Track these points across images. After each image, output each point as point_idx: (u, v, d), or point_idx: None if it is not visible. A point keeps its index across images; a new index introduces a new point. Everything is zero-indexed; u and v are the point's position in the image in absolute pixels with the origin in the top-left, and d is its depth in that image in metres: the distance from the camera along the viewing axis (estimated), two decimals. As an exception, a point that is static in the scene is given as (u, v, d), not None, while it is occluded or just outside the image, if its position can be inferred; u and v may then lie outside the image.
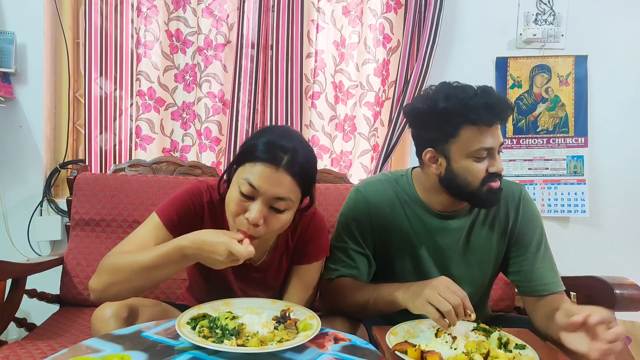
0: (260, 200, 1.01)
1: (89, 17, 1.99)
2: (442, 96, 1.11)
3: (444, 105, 1.11)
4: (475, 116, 1.08)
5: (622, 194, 2.23)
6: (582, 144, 2.20)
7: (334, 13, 2.17)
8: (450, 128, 1.12)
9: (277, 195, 1.01)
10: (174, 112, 2.16)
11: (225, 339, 0.91)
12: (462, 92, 1.10)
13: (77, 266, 1.74)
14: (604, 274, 1.40)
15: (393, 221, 1.26)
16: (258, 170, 1.00)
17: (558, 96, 2.20)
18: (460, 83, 1.15)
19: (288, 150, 1.01)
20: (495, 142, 1.12)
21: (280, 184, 1.00)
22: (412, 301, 1.03)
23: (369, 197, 1.28)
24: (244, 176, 1.01)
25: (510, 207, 1.27)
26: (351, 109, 2.20)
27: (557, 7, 2.18)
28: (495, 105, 1.09)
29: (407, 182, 1.29)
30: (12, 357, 1.28)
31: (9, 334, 1.62)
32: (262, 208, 1.00)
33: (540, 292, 1.23)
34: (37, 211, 2.06)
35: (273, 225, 1.04)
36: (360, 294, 1.16)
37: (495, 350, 0.96)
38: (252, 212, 1.00)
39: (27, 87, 2.02)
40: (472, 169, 1.13)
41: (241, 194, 1.01)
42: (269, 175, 1.00)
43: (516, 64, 2.20)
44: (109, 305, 1.05)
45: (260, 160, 1.00)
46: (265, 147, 1.01)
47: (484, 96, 1.09)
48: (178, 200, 1.14)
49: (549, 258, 1.27)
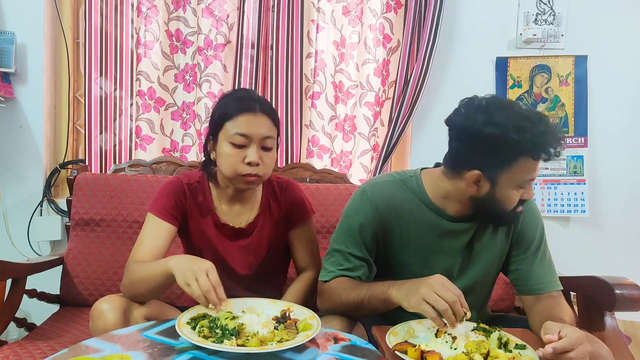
0: (253, 144, 1.20)
1: (89, 17, 1.99)
2: (512, 126, 1.04)
3: (515, 137, 1.04)
4: (542, 152, 1.07)
5: (622, 194, 2.23)
6: (582, 144, 2.20)
7: (334, 13, 2.17)
8: (510, 158, 1.08)
9: (265, 134, 1.21)
10: (174, 112, 2.15)
11: (225, 339, 0.91)
12: (532, 125, 1.05)
13: (77, 266, 1.75)
14: (604, 274, 1.40)
15: (399, 224, 1.24)
16: (242, 121, 1.19)
17: (558, 96, 2.20)
18: (522, 108, 1.10)
19: (256, 99, 1.24)
20: (535, 173, 1.13)
21: (263, 124, 1.21)
22: (406, 299, 1.02)
23: (376, 199, 1.24)
24: (231, 132, 1.20)
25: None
26: (351, 109, 2.20)
27: (557, 7, 2.18)
28: (557, 142, 1.07)
29: (416, 183, 1.25)
30: (12, 357, 1.28)
31: (9, 334, 1.62)
32: (257, 149, 1.20)
33: (537, 290, 1.23)
34: (37, 211, 2.06)
35: (268, 162, 1.23)
36: (355, 293, 1.15)
37: (495, 350, 0.96)
38: (251, 155, 1.19)
39: (27, 87, 2.02)
40: (513, 198, 1.13)
41: (235, 146, 1.19)
42: (252, 120, 1.20)
43: (516, 64, 2.20)
44: (106, 300, 1.09)
45: (240, 112, 1.20)
46: (238, 102, 1.22)
47: (551, 133, 1.07)
48: (162, 193, 1.29)
49: (547, 258, 1.27)
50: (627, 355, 1.26)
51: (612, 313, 1.36)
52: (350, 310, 1.16)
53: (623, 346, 1.30)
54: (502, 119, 1.06)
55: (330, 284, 1.22)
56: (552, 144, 1.06)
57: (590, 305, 1.40)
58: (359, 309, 1.15)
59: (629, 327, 2.00)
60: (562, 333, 0.93)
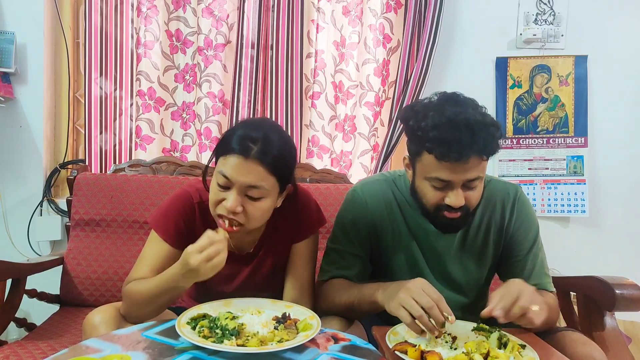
0: (234, 189, 1.08)
1: (89, 17, 1.99)
2: (419, 114, 1.07)
3: (412, 124, 1.08)
4: (431, 147, 1.04)
5: (622, 194, 2.23)
6: (582, 144, 2.20)
7: (334, 13, 2.17)
8: (415, 147, 1.10)
9: (249, 183, 1.07)
10: (174, 112, 2.15)
11: (225, 339, 0.91)
12: (433, 117, 1.04)
13: (77, 266, 1.75)
14: (604, 274, 1.40)
15: (390, 222, 1.26)
16: (230, 162, 1.07)
17: (558, 96, 2.20)
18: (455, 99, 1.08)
19: (258, 140, 1.07)
20: (456, 177, 1.06)
21: (250, 173, 1.07)
22: (387, 303, 1.02)
23: (367, 198, 1.27)
24: (218, 169, 1.09)
25: (506, 208, 1.26)
26: (351, 109, 2.20)
27: (557, 7, 2.18)
28: (456, 143, 1.01)
29: (404, 183, 1.27)
30: (12, 357, 1.28)
31: (9, 334, 1.62)
32: (236, 196, 1.07)
33: None
34: (37, 211, 2.06)
35: (252, 212, 1.10)
36: (347, 295, 1.15)
37: (495, 350, 0.96)
38: (228, 200, 1.08)
39: (27, 87, 2.03)
40: (426, 193, 1.12)
41: (218, 185, 1.09)
42: (239, 166, 1.06)
43: (516, 64, 2.20)
44: (98, 311, 1.06)
45: (231, 152, 1.07)
46: (237, 139, 1.08)
47: (447, 130, 1.02)
48: (171, 210, 1.20)
49: (540, 260, 1.26)
50: (627, 355, 1.26)
51: (612, 313, 1.35)
52: (343, 312, 1.16)
53: (623, 346, 1.30)
54: (423, 112, 1.08)
55: (325, 286, 1.23)
56: (442, 143, 1.02)
57: (590, 305, 1.40)
58: (350, 311, 1.15)
59: (629, 327, 2.00)
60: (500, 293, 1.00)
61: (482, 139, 1.02)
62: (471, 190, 1.10)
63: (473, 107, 1.07)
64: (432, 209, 1.13)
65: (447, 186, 1.08)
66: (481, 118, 1.04)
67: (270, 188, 1.10)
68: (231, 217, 1.08)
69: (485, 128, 1.03)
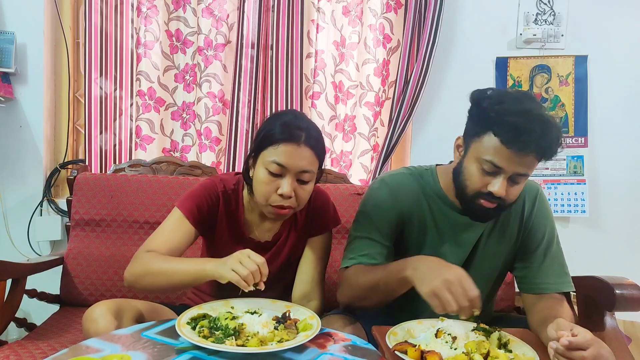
0: (289, 176, 1.13)
1: (89, 17, 1.99)
2: (494, 98, 1.09)
3: (486, 105, 1.09)
4: (500, 131, 1.05)
5: (622, 194, 2.23)
6: (582, 144, 2.20)
7: (334, 13, 2.17)
8: (479, 128, 1.10)
9: (303, 168, 1.14)
10: (174, 112, 2.16)
11: (226, 339, 0.91)
12: (510, 104, 1.06)
13: (77, 266, 1.74)
14: (604, 274, 1.40)
15: (417, 215, 1.26)
16: (282, 150, 1.12)
17: (558, 96, 2.20)
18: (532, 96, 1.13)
19: (303, 128, 1.15)
20: (509, 166, 1.07)
21: (304, 158, 1.14)
22: (420, 284, 1.00)
23: (394, 189, 1.26)
24: (269, 158, 1.13)
25: (527, 202, 1.27)
26: (351, 109, 2.20)
27: (557, 7, 2.18)
28: (526, 133, 1.02)
29: (432, 176, 1.28)
30: (12, 357, 1.28)
31: (9, 334, 1.62)
32: (292, 181, 1.14)
33: (541, 290, 1.23)
34: (37, 211, 2.06)
35: (301, 195, 1.17)
36: (371, 275, 1.15)
37: (495, 350, 0.96)
38: (284, 187, 1.13)
39: (27, 87, 2.02)
40: (473, 174, 1.12)
41: (270, 174, 1.14)
42: (292, 152, 1.12)
43: (516, 64, 2.19)
44: (98, 305, 1.06)
45: (282, 140, 1.13)
46: (283, 128, 1.14)
47: (522, 119, 1.03)
48: (196, 194, 1.25)
49: (558, 258, 1.26)
50: (627, 355, 1.26)
51: (612, 313, 1.35)
52: (367, 293, 1.16)
53: (623, 346, 1.30)
54: (498, 97, 1.09)
55: (349, 272, 1.22)
56: (513, 130, 1.03)
57: (590, 305, 1.40)
58: (375, 292, 1.14)
59: (629, 327, 2.00)
60: (574, 331, 0.93)
61: (550, 139, 1.04)
62: (515, 185, 1.11)
63: (545, 109, 1.10)
64: (471, 193, 1.13)
65: (496, 172, 1.09)
66: (553, 120, 1.06)
67: (316, 171, 1.19)
68: (287, 204, 1.15)
69: (556, 130, 1.06)
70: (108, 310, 1.04)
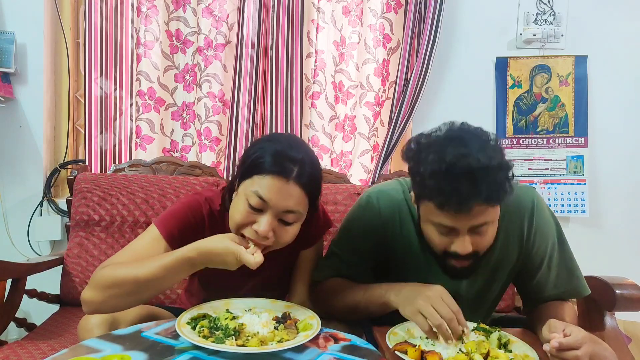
0: (269, 213, 0.99)
1: (89, 17, 1.99)
2: (421, 155, 0.99)
3: (412, 166, 1.03)
4: (430, 195, 0.98)
5: (622, 194, 2.23)
6: (582, 144, 2.20)
7: (334, 13, 2.17)
8: (417, 191, 1.04)
9: (287, 208, 1.00)
10: (174, 112, 2.16)
11: (226, 339, 0.91)
12: (432, 163, 0.96)
13: (77, 266, 1.75)
14: (604, 274, 1.40)
15: (402, 236, 1.19)
16: (268, 183, 0.98)
17: (558, 96, 2.20)
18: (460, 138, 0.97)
19: (297, 161, 1.00)
20: (459, 224, 0.99)
21: (290, 196, 0.99)
22: (403, 306, 0.99)
23: (381, 207, 1.20)
24: (252, 189, 0.99)
25: (525, 219, 1.19)
26: (351, 109, 2.20)
27: (557, 7, 2.18)
28: (455, 194, 0.93)
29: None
30: (12, 357, 1.28)
31: (9, 334, 1.62)
32: (271, 221, 0.99)
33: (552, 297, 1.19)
34: (37, 211, 2.06)
35: (282, 237, 1.03)
36: (351, 296, 1.13)
37: (495, 350, 0.96)
38: (261, 224, 0.99)
39: (27, 87, 2.02)
40: (432, 237, 1.06)
41: (250, 206, 1.00)
42: (279, 188, 0.98)
43: (516, 64, 2.19)
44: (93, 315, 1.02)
45: (270, 172, 0.99)
46: (274, 158, 0.99)
47: (446, 179, 0.93)
48: (179, 215, 1.11)
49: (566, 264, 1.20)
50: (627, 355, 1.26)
51: (612, 313, 1.35)
52: (345, 312, 1.14)
53: (623, 346, 1.30)
54: (425, 152, 0.99)
55: (325, 285, 1.20)
56: (440, 194, 0.95)
57: (590, 305, 1.40)
58: (354, 311, 1.13)
59: (629, 327, 2.00)
60: (566, 331, 0.93)
61: (485, 188, 0.93)
62: (480, 235, 1.02)
63: (480, 146, 0.96)
64: (440, 254, 1.08)
65: (452, 232, 1.01)
66: (487, 162, 0.93)
67: (303, 212, 1.04)
68: (259, 242, 1.00)
69: (490, 174, 0.93)
70: (104, 321, 1.02)
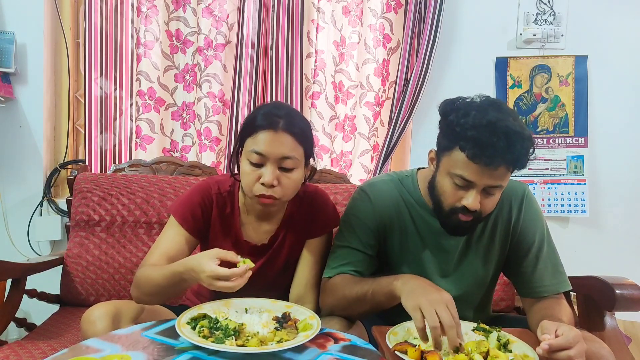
0: (269, 164, 1.12)
1: (89, 17, 1.99)
2: (460, 111, 1.08)
3: (452, 119, 1.08)
4: (466, 146, 1.05)
5: (622, 194, 2.23)
6: (582, 144, 2.20)
7: (334, 13, 2.17)
8: (448, 142, 1.10)
9: (283, 154, 1.12)
10: (174, 112, 2.16)
11: (226, 339, 0.91)
12: (474, 117, 1.04)
13: (77, 266, 1.75)
14: (604, 274, 1.40)
15: (397, 222, 1.26)
16: (260, 138, 1.12)
17: (558, 96, 2.20)
18: (499, 105, 1.08)
19: (282, 115, 1.13)
20: (480, 179, 1.06)
21: (283, 144, 1.12)
22: (406, 297, 1.01)
23: (374, 197, 1.26)
24: (249, 149, 1.13)
25: (514, 206, 1.26)
26: (351, 109, 2.20)
27: (557, 7, 2.18)
28: (491, 148, 1.02)
29: (412, 182, 1.28)
30: (12, 357, 1.28)
31: (9, 334, 1.62)
32: (273, 169, 1.12)
33: (538, 293, 1.22)
34: (37, 211, 2.06)
35: (287, 184, 1.14)
36: (359, 286, 1.14)
37: (495, 350, 0.96)
38: (265, 176, 1.11)
39: (27, 87, 2.02)
40: (446, 189, 1.12)
41: (251, 164, 1.13)
42: (271, 139, 1.11)
43: (516, 64, 2.19)
44: (96, 307, 1.06)
45: (260, 128, 1.12)
46: (261, 117, 1.13)
47: (486, 133, 1.02)
48: (189, 199, 1.24)
49: (551, 259, 1.25)
50: (627, 355, 1.26)
51: (612, 313, 1.36)
52: (352, 305, 1.15)
53: (623, 346, 1.30)
54: (464, 109, 1.08)
55: (333, 280, 1.22)
56: (477, 145, 1.02)
57: (590, 305, 1.40)
58: (361, 303, 1.14)
59: (629, 327, 2.00)
60: (558, 331, 0.94)
61: (517, 151, 1.03)
62: (489, 196, 1.10)
63: (514, 117, 1.07)
64: (447, 208, 1.13)
65: (468, 186, 1.08)
66: (520, 130, 1.04)
67: (300, 158, 1.15)
68: (269, 194, 1.12)
69: (523, 141, 1.03)
70: (106, 313, 1.04)
